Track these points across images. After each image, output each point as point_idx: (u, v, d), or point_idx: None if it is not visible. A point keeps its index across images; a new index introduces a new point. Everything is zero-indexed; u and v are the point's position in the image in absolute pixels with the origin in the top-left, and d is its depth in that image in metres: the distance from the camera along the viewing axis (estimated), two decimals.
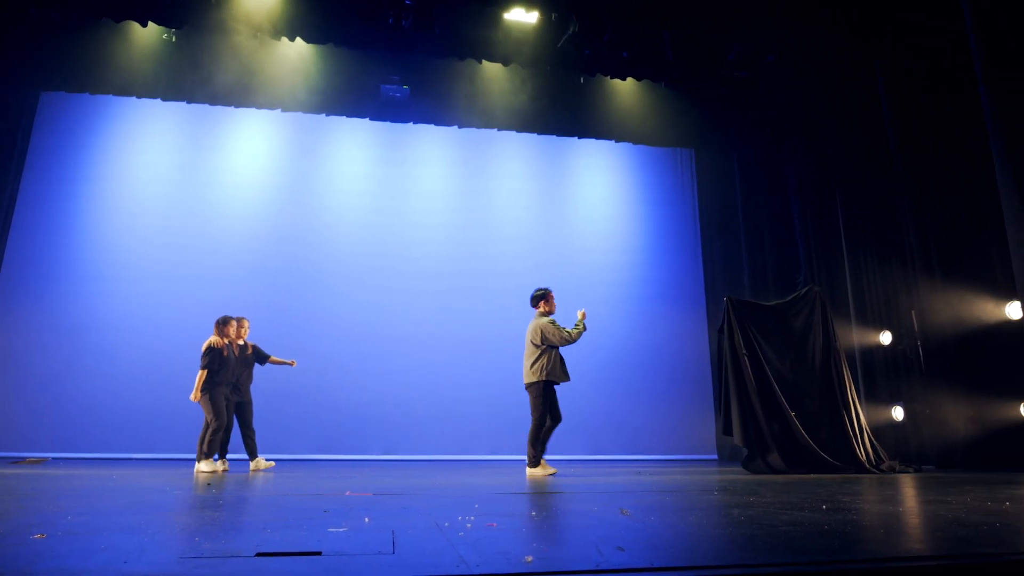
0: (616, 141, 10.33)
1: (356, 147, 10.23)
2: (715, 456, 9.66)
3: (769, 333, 6.62)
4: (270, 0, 7.97)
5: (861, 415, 6.54)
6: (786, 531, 2.11)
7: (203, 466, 5.79)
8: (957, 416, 6.99)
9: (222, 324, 6.20)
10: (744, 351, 6.45)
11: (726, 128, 10.30)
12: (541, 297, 6.07)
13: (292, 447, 8.54)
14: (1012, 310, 6.85)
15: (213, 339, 6.09)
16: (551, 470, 5.53)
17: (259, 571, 1.48)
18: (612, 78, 9.57)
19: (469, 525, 2.23)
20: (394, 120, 9.73)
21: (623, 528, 2.20)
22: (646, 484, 4.40)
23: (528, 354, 5.86)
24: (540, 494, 3.53)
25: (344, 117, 9.78)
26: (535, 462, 5.52)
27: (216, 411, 5.91)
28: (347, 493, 3.55)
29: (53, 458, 7.70)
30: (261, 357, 6.51)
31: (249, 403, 6.34)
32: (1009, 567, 1.61)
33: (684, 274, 10.55)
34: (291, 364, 6.61)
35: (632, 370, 9.87)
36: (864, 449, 6.34)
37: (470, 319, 9.66)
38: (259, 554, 1.66)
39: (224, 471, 5.90)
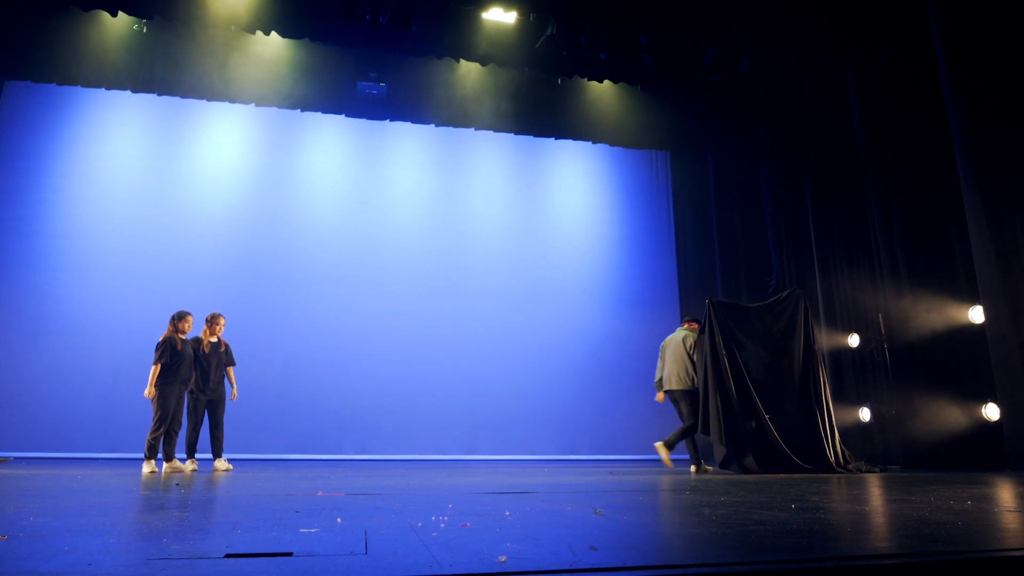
0: (593, 143, 10.40)
1: (332, 144, 10.13)
2: (688, 456, 9.75)
3: (750, 334, 6.71)
4: None
5: (833, 417, 6.66)
6: (756, 530, 2.14)
7: (146, 467, 5.55)
8: (922, 417, 7.15)
9: (177, 319, 6.05)
10: (724, 352, 6.53)
11: (701, 131, 10.44)
12: (697, 320, 6.99)
13: (264, 446, 8.43)
14: (975, 314, 7.04)
15: (166, 334, 5.97)
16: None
17: (229, 572, 1.45)
18: (589, 80, 9.64)
19: (443, 525, 2.23)
20: (371, 117, 9.67)
21: (596, 527, 2.21)
22: (619, 484, 4.43)
23: (682, 362, 6.68)
24: (513, 494, 3.54)
25: (320, 113, 9.68)
26: (696, 460, 6.62)
27: (163, 408, 5.73)
28: (319, 493, 3.52)
29: (14, 457, 7.49)
30: (230, 361, 6.41)
31: (221, 401, 6.25)
32: (971, 564, 1.65)
33: (658, 275, 10.66)
34: (232, 395, 6.34)
35: (606, 370, 9.94)
36: (834, 450, 6.46)
37: (445, 318, 9.64)
38: (229, 555, 1.64)
39: (193, 471, 5.79)
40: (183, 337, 6.05)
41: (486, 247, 10.14)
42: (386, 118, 9.70)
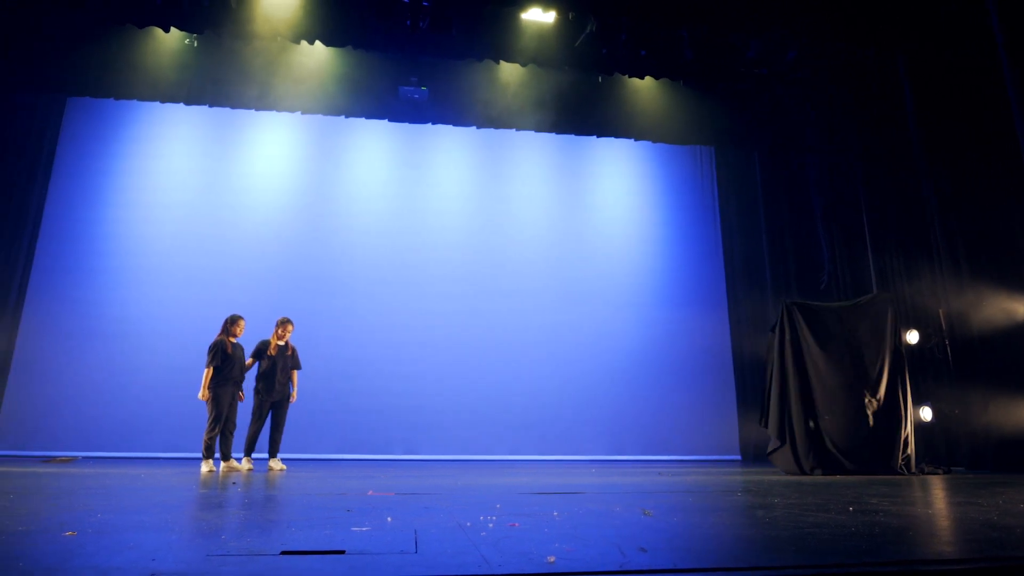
0: (635, 140, 10.28)
1: (375, 149, 10.29)
2: (738, 457, 9.56)
3: (827, 335, 6.71)
4: (289, 4, 8.05)
5: (911, 422, 6.55)
6: (812, 533, 2.08)
7: (204, 467, 5.75)
8: (987, 417, 6.85)
9: (229, 323, 6.28)
10: (791, 351, 6.56)
11: (746, 125, 10.19)
12: None
13: (314, 446, 8.62)
14: None
15: (218, 337, 6.16)
16: None
17: (284, 569, 1.49)
18: (630, 77, 9.53)
19: (491, 525, 2.24)
20: (412, 121, 9.78)
21: (646, 529, 2.18)
22: (668, 485, 4.37)
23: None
24: (560, 495, 3.53)
25: (363, 119, 9.85)
26: None
27: (217, 409, 5.95)
28: (369, 493, 3.58)
29: (82, 457, 7.84)
30: (295, 364, 6.55)
31: (285, 403, 6.37)
32: None
33: (705, 274, 10.46)
34: (292, 397, 6.48)
35: (653, 370, 9.81)
36: (904, 455, 6.35)
37: (489, 319, 9.67)
38: (284, 552, 1.68)
39: (249, 470, 5.96)
40: (234, 340, 6.24)
41: (529, 248, 10.13)
42: (427, 121, 9.80)
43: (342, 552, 1.69)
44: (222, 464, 5.99)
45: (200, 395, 5.98)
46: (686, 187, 10.89)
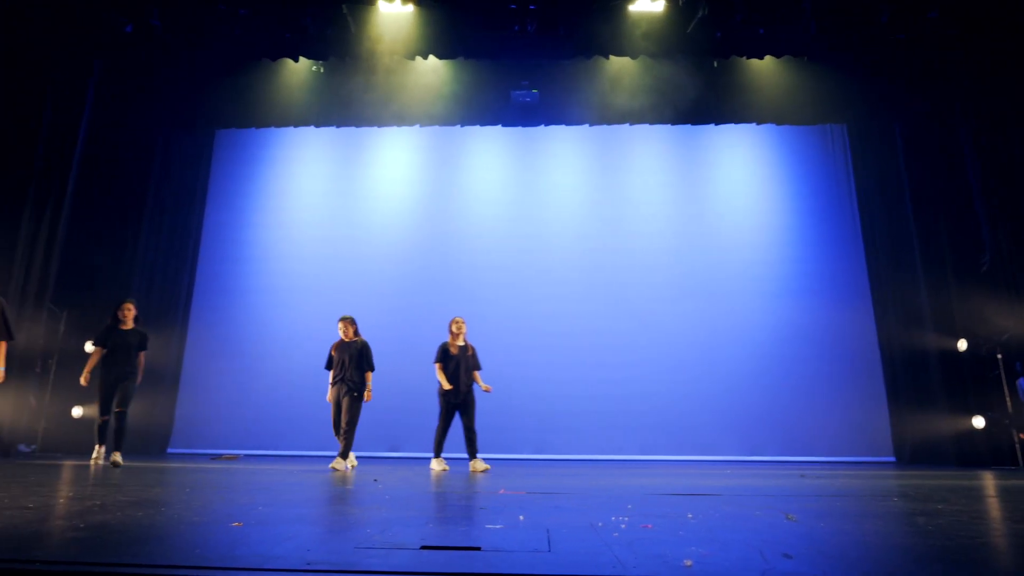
0: (757, 124, 9.77)
1: (492, 154, 10.54)
2: (892, 458, 8.77)
3: None
4: (403, 24, 8.43)
5: None
6: (984, 543, 1.87)
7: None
8: None
9: (349, 322, 6.49)
10: None
11: (885, 98, 9.31)
12: None
13: (447, 447, 8.92)
14: None
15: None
16: None
17: (424, 562, 1.55)
18: (748, 58, 9.07)
19: (623, 526, 2.21)
20: (525, 125, 9.90)
21: (789, 534, 2.06)
22: (812, 487, 4.10)
23: None
24: (695, 496, 3.41)
25: (477, 126, 10.13)
26: None
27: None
28: (501, 491, 3.65)
29: (243, 455, 8.65)
30: (476, 364, 6.58)
31: (471, 404, 6.41)
32: None
33: (843, 260, 9.71)
34: (485, 389, 6.48)
35: (792, 366, 9.25)
36: None
37: (617, 317, 9.56)
38: (424, 547, 1.75)
39: (443, 470, 6.11)
40: (347, 341, 6.43)
41: (653, 243, 9.91)
42: (540, 123, 9.88)
43: (478, 548, 1.74)
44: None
45: (327, 397, 6.37)
46: (816, 169, 10.20)
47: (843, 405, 9.06)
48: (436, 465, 6.24)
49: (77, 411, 8.71)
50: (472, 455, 6.22)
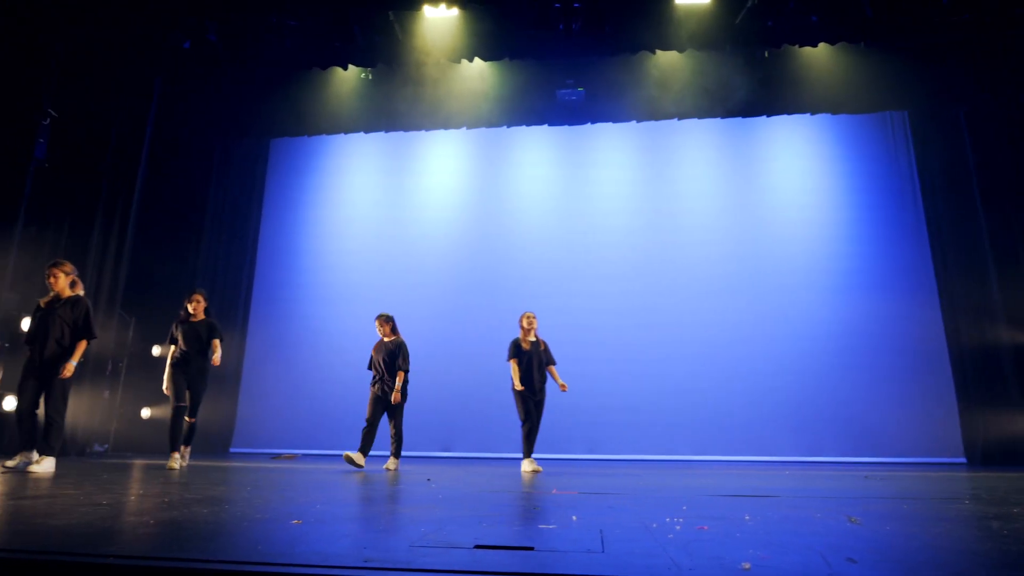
0: (811, 114, 9.46)
1: (538, 154, 10.55)
2: (962, 459, 8.36)
3: None
4: (449, 27, 8.51)
5: None
6: None
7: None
8: None
9: (383, 320, 6.45)
10: None
11: (948, 82, 8.88)
12: None
13: (497, 446, 8.98)
14: None
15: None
16: None
17: (478, 562, 1.56)
18: (801, 47, 8.80)
19: (678, 527, 2.17)
20: (572, 123, 9.86)
21: (852, 537, 1.99)
22: (876, 489, 3.95)
23: None
24: (751, 497, 3.33)
25: (523, 127, 10.14)
26: None
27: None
28: (553, 491, 3.65)
29: (302, 454, 8.89)
30: (550, 359, 6.36)
31: (541, 403, 6.24)
32: None
33: (906, 253, 9.32)
34: (562, 387, 6.24)
35: (852, 363, 8.93)
36: None
37: (669, 315, 9.43)
38: (477, 546, 1.76)
39: (535, 471, 5.81)
40: (384, 340, 6.35)
41: (705, 239, 9.74)
42: (586, 122, 9.82)
43: (531, 548, 1.74)
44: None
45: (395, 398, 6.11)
46: (874, 158, 9.82)
47: (908, 403, 8.70)
48: (527, 466, 5.91)
49: (145, 412, 9.13)
50: (528, 454, 6.07)
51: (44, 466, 4.80)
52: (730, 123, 9.99)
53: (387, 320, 6.36)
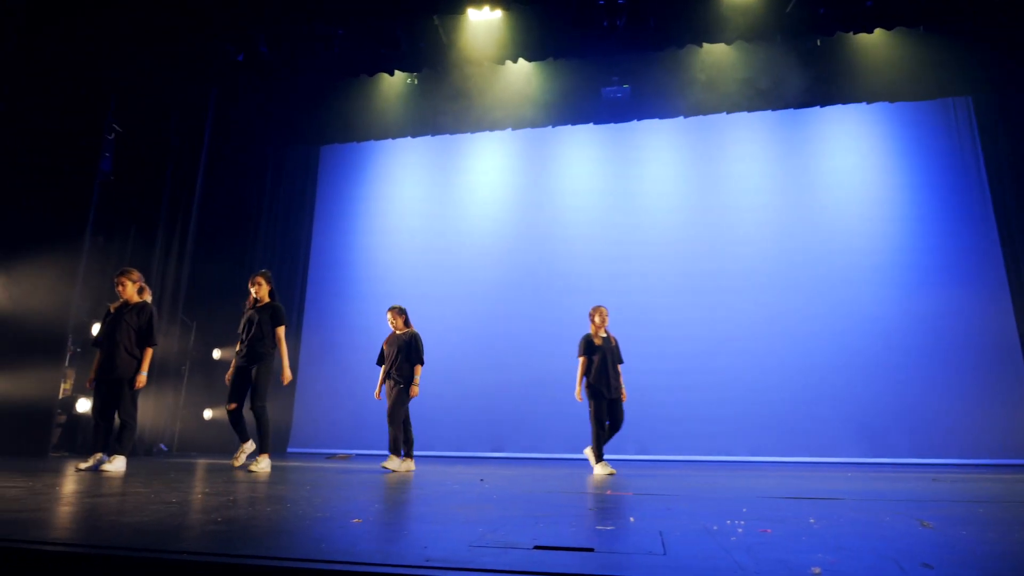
0: (868, 103, 9.14)
1: (584, 153, 10.50)
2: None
3: None
4: (493, 29, 8.54)
5: None
6: None
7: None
8: None
9: (396, 312, 6.15)
10: None
11: (1015, 65, 8.47)
12: None
13: (547, 446, 8.97)
14: None
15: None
16: None
17: (538, 562, 1.56)
18: (855, 33, 8.51)
19: (740, 530, 2.13)
20: (617, 121, 9.78)
21: (925, 542, 1.91)
22: (947, 492, 3.78)
23: None
24: (815, 500, 3.23)
25: (569, 126, 10.10)
26: None
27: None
28: (608, 492, 3.62)
29: (355, 454, 9.06)
30: (619, 358, 5.95)
31: (618, 401, 5.74)
32: None
33: (973, 245, 8.90)
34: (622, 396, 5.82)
35: (919, 361, 8.58)
36: None
37: (723, 314, 9.25)
38: (537, 547, 1.76)
39: (609, 474, 5.34)
40: (397, 333, 6.12)
41: (759, 234, 9.51)
42: (632, 119, 9.72)
43: (591, 550, 1.73)
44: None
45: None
46: (936, 147, 9.42)
47: (979, 401, 8.31)
48: (600, 470, 5.41)
49: (207, 413, 9.45)
50: (599, 457, 5.60)
51: (116, 465, 5.02)
52: (781, 115, 9.74)
53: (400, 312, 6.15)
